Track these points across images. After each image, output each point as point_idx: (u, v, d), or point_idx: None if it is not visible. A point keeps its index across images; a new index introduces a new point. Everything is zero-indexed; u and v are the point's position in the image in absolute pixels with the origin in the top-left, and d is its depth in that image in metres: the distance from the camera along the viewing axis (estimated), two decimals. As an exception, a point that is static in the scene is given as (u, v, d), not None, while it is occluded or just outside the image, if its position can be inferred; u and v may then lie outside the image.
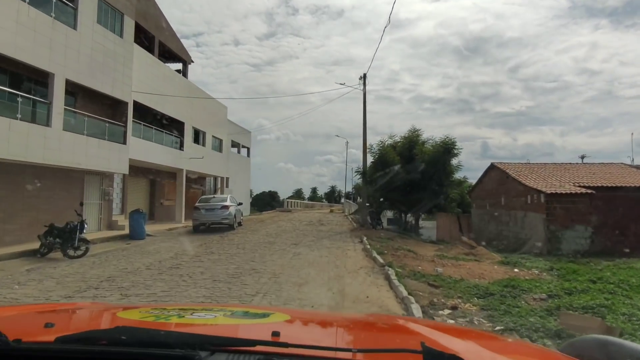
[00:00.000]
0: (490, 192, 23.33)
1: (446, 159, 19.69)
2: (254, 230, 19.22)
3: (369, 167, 21.56)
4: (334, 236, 17.00)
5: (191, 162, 25.80)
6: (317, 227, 21.02)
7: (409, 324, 1.84)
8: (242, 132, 39.94)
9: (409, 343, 1.29)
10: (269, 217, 30.13)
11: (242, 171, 40.97)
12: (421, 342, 0.96)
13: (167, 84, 22.49)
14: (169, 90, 22.71)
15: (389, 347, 1.17)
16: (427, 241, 18.53)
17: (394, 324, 1.84)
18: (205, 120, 28.11)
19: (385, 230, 21.03)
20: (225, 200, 19.12)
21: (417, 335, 1.43)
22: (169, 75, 23.28)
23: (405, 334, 1.57)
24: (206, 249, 12.91)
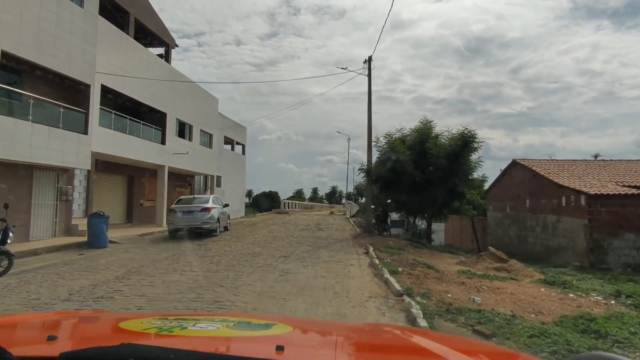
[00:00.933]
0: (511, 192, 20.56)
1: (465, 154, 16.89)
2: (241, 236, 16.47)
3: (374, 164, 18.79)
4: (333, 245, 14.24)
5: (175, 158, 23.07)
6: (315, 232, 18.27)
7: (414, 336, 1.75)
8: (236, 128, 37.17)
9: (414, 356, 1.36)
10: (263, 219, 27.37)
11: (237, 169, 38.19)
12: None
13: (145, 69, 19.75)
14: (146, 75, 19.98)
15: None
16: (442, 250, 15.75)
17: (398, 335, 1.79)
18: (192, 112, 25.38)
19: (394, 236, 18.26)
20: (207, 201, 16.37)
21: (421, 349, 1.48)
22: (146, 58, 20.53)
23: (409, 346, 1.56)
24: (170, 264, 10.16)
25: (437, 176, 17.39)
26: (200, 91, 27.17)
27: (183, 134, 24.84)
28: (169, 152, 22.52)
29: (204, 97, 27.54)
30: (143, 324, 1.52)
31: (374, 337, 1.74)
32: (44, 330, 1.45)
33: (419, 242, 15.65)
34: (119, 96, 18.55)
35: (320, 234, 17.48)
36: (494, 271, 11.42)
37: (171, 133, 22.88)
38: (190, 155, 25.02)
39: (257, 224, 22.98)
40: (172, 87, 22.94)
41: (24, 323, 1.64)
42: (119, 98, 18.71)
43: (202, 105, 27.14)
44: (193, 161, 25.54)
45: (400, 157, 16.91)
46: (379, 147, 17.74)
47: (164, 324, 1.47)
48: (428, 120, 18.96)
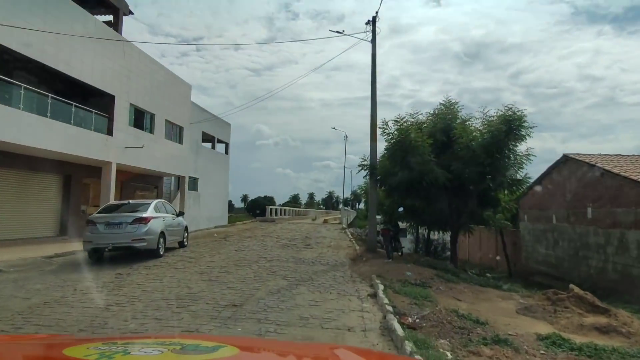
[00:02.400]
0: (560, 198, 15.81)
1: (509, 143, 12.13)
2: (193, 258, 11.63)
3: (380, 159, 14.02)
4: (322, 276, 9.42)
5: (128, 154, 18.25)
6: (299, 252, 13.41)
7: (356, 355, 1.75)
8: (217, 123, 32.29)
9: None
10: (241, 230, 22.47)
11: (218, 171, 33.31)
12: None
13: (79, 34, 14.95)
14: (84, 47, 15.21)
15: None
16: (482, 281, 10.82)
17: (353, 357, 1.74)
18: (154, 98, 20.57)
19: (407, 256, 13.38)
20: (145, 209, 11.52)
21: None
22: (82, 20, 15.69)
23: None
24: (27, 316, 5.37)
25: (468, 175, 12.63)
26: (167, 74, 22.38)
27: (141, 125, 20.02)
28: (118, 146, 17.71)
29: (171, 82, 22.74)
30: (88, 349, 1.46)
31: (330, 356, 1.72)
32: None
33: (445, 270, 10.80)
34: (41, 68, 13.77)
35: (307, 255, 12.62)
36: (598, 334, 6.62)
37: (122, 122, 18.07)
38: (151, 150, 20.19)
39: (230, 237, 18.11)
40: (126, 65, 18.18)
41: None
42: (39, 70, 13.93)
43: (169, 92, 22.33)
44: (156, 158, 20.71)
45: (417, 149, 12.12)
46: (387, 136, 12.95)
47: (109, 348, 1.43)
48: (452, 101, 14.20)
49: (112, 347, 1.45)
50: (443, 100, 14.36)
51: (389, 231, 12.02)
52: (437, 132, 13.19)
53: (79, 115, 15.75)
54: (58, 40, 13.82)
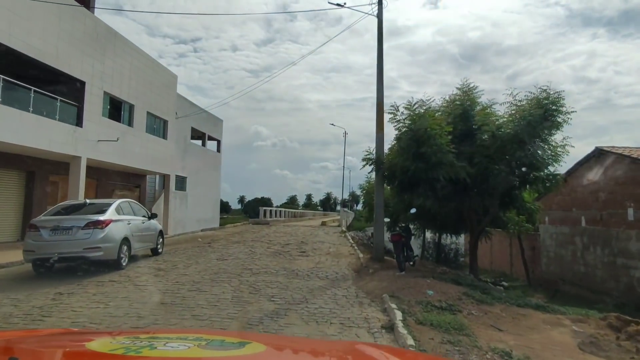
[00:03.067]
0: (591, 197, 13.85)
1: (544, 131, 10.11)
2: (163, 270, 9.57)
3: (388, 152, 11.99)
4: (318, 296, 7.39)
5: (100, 148, 16.18)
6: (293, 261, 11.35)
7: (395, 357, 1.71)
8: (208, 118, 30.23)
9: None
10: (231, 234, 20.42)
11: (209, 169, 31.17)
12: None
13: (39, 13, 12.89)
14: (42, 19, 13.17)
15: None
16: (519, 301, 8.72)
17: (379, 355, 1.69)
18: (133, 88, 18.51)
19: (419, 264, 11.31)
20: (104, 210, 9.45)
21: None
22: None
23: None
24: None
25: (493, 170, 10.64)
26: (149, 62, 20.30)
27: (118, 116, 17.95)
28: (89, 139, 15.64)
29: (154, 71, 20.67)
30: (112, 343, 1.48)
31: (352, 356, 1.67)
32: (6, 351, 1.32)
33: (471, 285, 8.73)
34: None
35: (301, 265, 10.57)
36: None
37: (94, 112, 15.98)
38: (130, 145, 18.15)
39: (215, 242, 16.07)
40: (99, 49, 16.11)
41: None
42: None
43: (151, 81, 20.25)
44: (136, 154, 18.64)
45: (434, 138, 10.10)
46: (396, 123, 10.89)
47: (134, 343, 1.43)
48: (470, 85, 12.17)
49: (135, 342, 1.45)
50: (459, 85, 12.36)
51: (401, 237, 9.95)
52: (456, 120, 11.17)
53: (40, 102, 13.68)
54: (9, 12, 11.77)
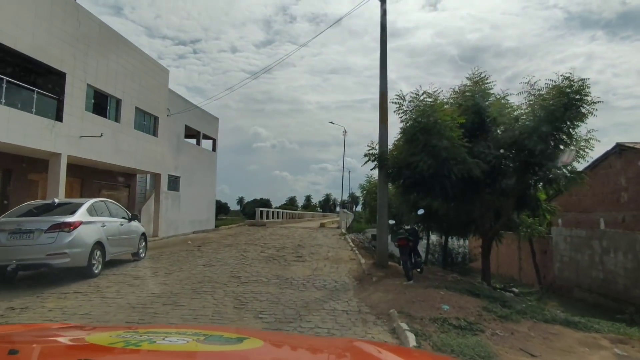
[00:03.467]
0: (611, 197, 12.81)
1: (566, 123, 9.04)
2: (141, 279, 8.48)
3: (392, 147, 10.91)
4: (315, 311, 6.31)
5: (83, 145, 15.11)
6: (287, 267, 10.27)
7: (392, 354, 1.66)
8: (200, 114, 29.17)
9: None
10: (225, 236, 19.34)
11: (204, 169, 30.06)
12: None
13: None
14: (17, 3, 12.12)
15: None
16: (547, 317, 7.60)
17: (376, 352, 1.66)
18: (120, 81, 17.42)
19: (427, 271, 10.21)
20: (73, 211, 8.37)
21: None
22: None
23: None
24: None
25: (508, 167, 9.59)
26: (137, 55, 19.21)
27: (103, 111, 16.86)
28: (70, 134, 14.56)
29: (144, 65, 19.59)
30: (111, 337, 1.49)
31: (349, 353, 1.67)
32: (5, 344, 1.34)
33: (490, 297, 7.65)
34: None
35: (296, 272, 9.49)
36: None
37: (76, 105, 14.90)
38: (117, 142, 17.09)
39: (206, 245, 14.99)
40: (82, 39, 15.04)
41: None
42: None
43: (140, 75, 19.18)
44: (123, 152, 17.56)
45: (445, 131, 9.05)
46: (402, 114, 9.83)
47: (133, 337, 1.43)
48: (482, 76, 11.10)
49: (135, 336, 1.45)
50: (469, 75, 11.30)
51: (408, 242, 8.84)
52: (467, 112, 10.11)
53: (13, 94, 12.62)
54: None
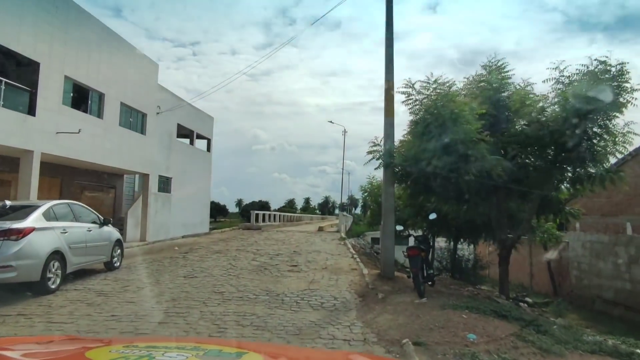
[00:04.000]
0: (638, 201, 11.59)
1: (603, 114, 7.81)
2: (105, 295, 7.21)
3: (399, 144, 9.66)
4: (309, 340, 5.06)
5: (60, 141, 13.86)
6: (280, 278, 8.99)
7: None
8: (197, 115, 27.96)
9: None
10: (213, 241, 18.06)
11: (198, 170, 28.78)
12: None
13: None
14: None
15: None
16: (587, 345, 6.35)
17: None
18: (103, 74, 16.16)
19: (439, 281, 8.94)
20: (26, 215, 7.12)
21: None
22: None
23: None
24: None
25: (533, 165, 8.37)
26: (123, 47, 17.95)
27: (84, 105, 15.61)
28: (45, 130, 13.31)
29: (130, 58, 18.34)
30: (110, 352, 1.50)
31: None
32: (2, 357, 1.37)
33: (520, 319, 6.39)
34: None
35: (290, 285, 8.22)
36: None
37: (52, 99, 13.63)
38: (99, 139, 15.84)
39: (195, 251, 13.73)
40: (60, 26, 13.78)
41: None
42: None
43: (127, 69, 17.92)
44: (107, 150, 16.28)
45: (462, 123, 7.81)
46: (412, 104, 8.60)
47: (132, 352, 1.45)
48: (499, 64, 9.83)
49: (134, 351, 1.46)
50: (485, 63, 10.04)
51: (420, 252, 7.58)
52: (486, 103, 8.86)
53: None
54: None
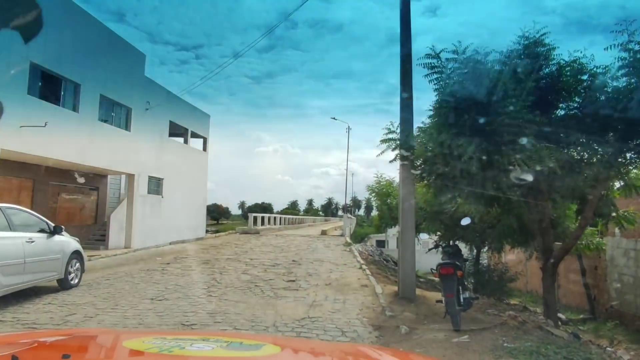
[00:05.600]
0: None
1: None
2: (37, 329, 5.42)
3: (418, 132, 7.80)
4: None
5: (26, 137, 12.06)
6: (272, 303, 7.10)
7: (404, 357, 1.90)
8: (192, 113, 26.21)
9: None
10: (205, 248, 16.24)
11: (192, 171, 26.91)
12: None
13: None
14: None
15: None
16: None
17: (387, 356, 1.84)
18: (77, 62, 14.34)
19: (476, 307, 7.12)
20: None
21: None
22: None
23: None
24: None
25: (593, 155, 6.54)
26: (103, 32, 16.11)
27: (54, 96, 13.84)
28: (6, 123, 11.51)
29: (111, 45, 16.52)
30: (144, 343, 1.57)
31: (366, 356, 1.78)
32: (58, 349, 1.51)
33: None
34: None
35: (283, 314, 6.35)
36: None
37: (14, 88, 11.88)
38: (74, 135, 14.06)
39: (179, 261, 11.93)
40: (24, 6, 12.04)
41: (40, 341, 1.66)
42: None
43: (108, 59, 16.09)
44: (84, 147, 14.47)
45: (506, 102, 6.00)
46: (437, 79, 6.77)
47: (164, 343, 1.54)
48: (539, 35, 7.93)
49: (164, 342, 1.56)
50: (519, 35, 8.14)
51: (454, 270, 5.70)
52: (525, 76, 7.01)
53: None
54: None
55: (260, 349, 1.55)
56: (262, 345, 1.61)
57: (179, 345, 1.49)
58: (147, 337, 1.68)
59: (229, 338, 1.75)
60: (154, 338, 1.64)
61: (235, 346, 1.56)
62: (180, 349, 1.43)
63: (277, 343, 1.77)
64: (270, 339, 1.97)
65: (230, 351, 1.48)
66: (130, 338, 1.72)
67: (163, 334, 2.02)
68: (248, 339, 1.76)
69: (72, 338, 1.85)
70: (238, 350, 1.51)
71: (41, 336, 1.95)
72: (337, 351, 1.89)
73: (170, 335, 1.87)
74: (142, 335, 1.93)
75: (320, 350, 1.89)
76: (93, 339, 1.85)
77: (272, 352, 1.53)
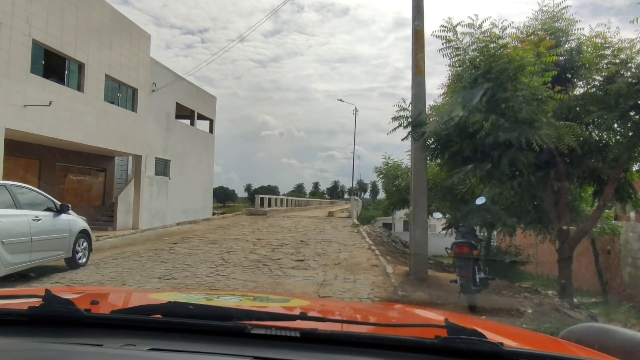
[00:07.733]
0: None
1: None
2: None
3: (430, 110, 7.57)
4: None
5: (29, 116, 11.97)
6: (280, 282, 6.99)
7: (429, 312, 1.85)
8: (197, 94, 25.97)
9: (432, 321, 1.34)
10: (211, 229, 16.22)
11: (199, 152, 26.83)
12: (445, 318, 0.97)
13: None
14: None
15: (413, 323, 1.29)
16: None
17: (414, 310, 1.82)
18: (83, 41, 14.16)
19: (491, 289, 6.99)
20: None
21: (439, 317, 1.52)
22: None
23: (427, 316, 1.64)
24: None
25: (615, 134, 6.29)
26: (107, 11, 15.83)
27: (59, 75, 13.66)
28: (10, 103, 11.41)
29: (116, 24, 16.26)
30: (170, 297, 1.50)
31: (393, 309, 1.77)
32: (88, 296, 1.48)
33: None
34: None
35: (291, 291, 6.28)
36: None
37: (17, 66, 11.71)
38: (79, 115, 13.93)
39: (187, 241, 11.90)
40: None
41: (73, 293, 1.64)
42: None
43: (113, 38, 15.86)
44: (89, 128, 14.36)
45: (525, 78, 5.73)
46: (453, 54, 6.49)
47: (191, 297, 1.54)
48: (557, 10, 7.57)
49: (191, 296, 1.58)
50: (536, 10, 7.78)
51: (470, 249, 5.53)
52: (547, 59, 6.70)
53: None
54: None
55: (289, 302, 1.59)
56: (289, 299, 1.65)
57: (206, 297, 1.53)
58: (174, 293, 1.74)
59: (255, 294, 1.79)
60: (180, 293, 1.70)
61: (262, 299, 1.58)
62: (207, 299, 1.45)
63: (305, 299, 1.82)
64: (296, 296, 1.93)
65: (259, 302, 1.50)
66: (158, 293, 1.77)
67: (189, 291, 2.00)
68: (275, 296, 1.76)
69: (98, 292, 1.87)
70: (267, 302, 1.53)
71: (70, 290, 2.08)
72: (368, 306, 1.93)
73: (196, 292, 1.93)
74: (169, 292, 1.98)
75: (349, 305, 1.88)
76: (119, 292, 1.95)
77: (300, 304, 1.57)
